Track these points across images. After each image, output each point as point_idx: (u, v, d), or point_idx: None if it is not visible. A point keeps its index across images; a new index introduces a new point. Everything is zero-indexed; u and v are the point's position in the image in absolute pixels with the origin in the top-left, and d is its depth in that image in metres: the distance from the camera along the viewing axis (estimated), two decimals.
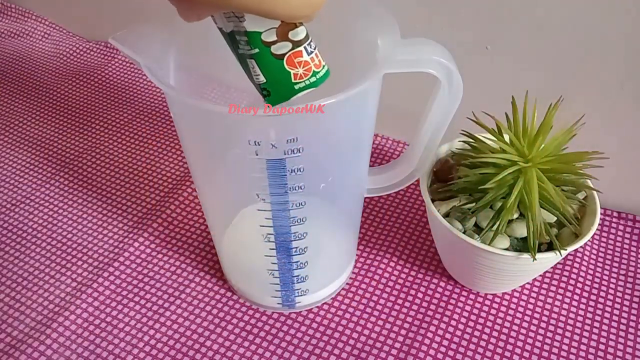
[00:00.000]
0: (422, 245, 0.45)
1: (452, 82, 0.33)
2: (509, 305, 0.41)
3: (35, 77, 0.65)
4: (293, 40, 0.26)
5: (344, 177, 0.37)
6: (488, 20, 0.45)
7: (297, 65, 0.27)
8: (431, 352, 0.38)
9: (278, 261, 0.37)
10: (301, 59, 0.27)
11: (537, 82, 0.43)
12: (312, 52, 0.27)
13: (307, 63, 0.27)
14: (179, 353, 0.39)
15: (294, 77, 0.27)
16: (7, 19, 0.74)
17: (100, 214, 0.48)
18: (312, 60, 0.27)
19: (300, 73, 0.27)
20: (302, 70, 0.27)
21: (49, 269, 0.44)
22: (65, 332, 0.40)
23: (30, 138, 0.57)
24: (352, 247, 0.43)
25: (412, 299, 0.42)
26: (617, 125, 0.45)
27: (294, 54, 0.27)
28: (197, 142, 0.34)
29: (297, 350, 0.39)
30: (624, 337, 0.39)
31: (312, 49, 0.27)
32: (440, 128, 0.36)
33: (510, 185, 0.35)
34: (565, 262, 0.44)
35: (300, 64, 0.27)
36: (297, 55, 0.27)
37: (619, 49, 0.41)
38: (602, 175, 0.37)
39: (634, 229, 0.46)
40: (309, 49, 0.27)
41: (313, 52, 0.27)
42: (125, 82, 0.63)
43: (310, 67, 0.27)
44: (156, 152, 0.54)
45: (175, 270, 0.44)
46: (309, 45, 0.27)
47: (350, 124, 0.34)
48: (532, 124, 0.36)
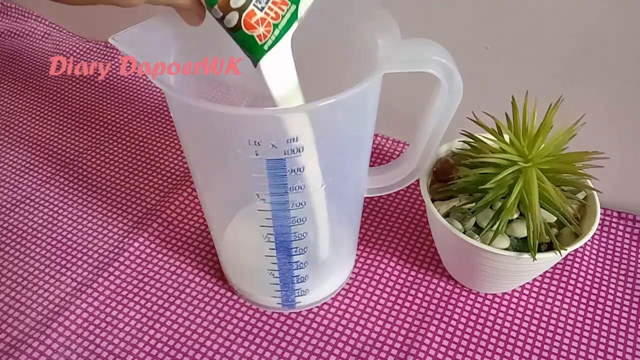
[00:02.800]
0: (422, 245, 0.45)
1: (452, 82, 0.33)
2: (509, 305, 0.41)
3: (35, 77, 0.65)
4: (235, 7, 0.26)
5: (344, 177, 0.37)
6: (488, 20, 0.45)
7: (254, 26, 0.26)
8: (431, 352, 0.38)
9: (278, 261, 0.37)
10: (255, 17, 0.26)
11: (537, 82, 0.43)
12: (265, 7, 0.26)
13: (263, 19, 0.26)
14: (179, 353, 0.39)
15: (258, 39, 0.27)
16: (7, 19, 0.74)
17: (100, 214, 0.48)
18: (268, 15, 0.27)
19: (262, 32, 0.27)
20: (263, 29, 0.27)
21: (49, 269, 0.44)
22: (65, 332, 0.40)
23: (30, 138, 0.57)
24: (352, 247, 0.43)
25: (412, 299, 0.42)
26: (617, 125, 0.45)
27: (247, 17, 0.26)
28: (197, 142, 0.34)
29: (297, 350, 0.39)
30: (624, 337, 0.39)
31: (263, 4, 0.26)
32: (440, 128, 0.36)
33: (510, 185, 0.35)
34: (565, 262, 0.44)
35: (257, 23, 0.26)
36: (249, 16, 0.26)
37: (619, 49, 0.41)
38: (602, 175, 0.37)
39: (634, 229, 0.46)
40: (259, 5, 0.26)
41: (266, 6, 0.26)
42: (125, 82, 0.63)
43: (269, 23, 0.27)
44: (156, 152, 0.54)
45: (175, 270, 0.44)
46: (258, 2, 0.26)
47: (350, 123, 0.34)
48: (532, 124, 0.36)
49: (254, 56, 0.28)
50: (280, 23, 0.27)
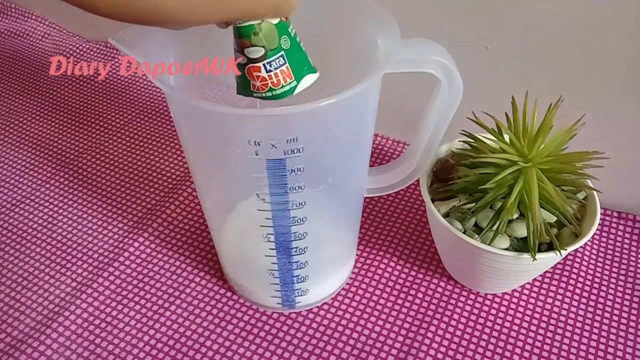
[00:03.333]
0: (422, 245, 0.45)
1: (452, 82, 0.33)
2: (509, 305, 0.41)
3: (35, 77, 0.65)
4: (248, 56, 0.28)
5: (344, 177, 0.37)
6: (488, 20, 0.45)
7: (254, 77, 0.28)
8: (431, 352, 0.38)
9: (278, 261, 0.37)
10: (259, 74, 0.28)
11: (537, 82, 0.43)
12: (272, 71, 0.28)
13: (264, 79, 0.28)
14: (179, 353, 0.39)
15: (252, 86, 0.29)
16: (7, 19, 0.74)
17: (100, 214, 0.48)
18: (270, 78, 0.28)
19: (258, 85, 0.29)
20: (259, 84, 0.28)
21: (49, 269, 0.44)
22: (65, 332, 0.40)
23: (30, 138, 0.57)
24: (352, 247, 0.43)
25: (412, 299, 0.42)
26: (617, 125, 0.45)
27: (252, 68, 0.28)
28: (197, 142, 0.34)
29: (297, 350, 0.39)
30: (624, 337, 0.39)
31: (273, 68, 0.28)
32: (440, 128, 0.36)
33: (510, 185, 0.35)
34: (565, 262, 0.44)
35: (257, 78, 0.28)
36: (255, 69, 0.28)
37: (619, 49, 0.41)
38: (602, 175, 0.37)
39: (634, 229, 0.46)
40: (269, 67, 0.28)
41: (273, 71, 0.28)
42: (125, 82, 0.63)
43: (267, 84, 0.28)
44: (156, 152, 0.54)
45: (175, 270, 0.44)
46: (269, 64, 0.28)
47: (350, 123, 0.34)
48: (532, 124, 0.36)
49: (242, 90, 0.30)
50: (277, 90, 0.29)
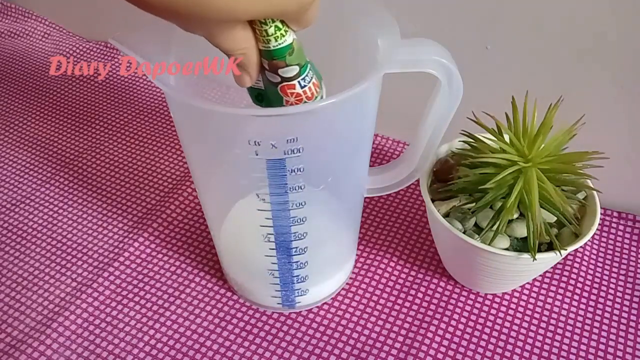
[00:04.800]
0: (422, 245, 0.45)
1: (452, 82, 0.33)
2: (509, 305, 0.41)
3: (35, 77, 0.65)
4: (283, 76, 0.28)
5: (344, 177, 0.37)
6: (488, 20, 0.45)
7: (288, 94, 0.28)
8: (431, 352, 0.38)
9: (278, 261, 0.37)
10: (293, 90, 0.28)
11: (537, 82, 0.43)
12: (306, 86, 0.28)
13: (298, 95, 0.28)
14: (179, 353, 0.39)
15: (285, 102, 0.29)
16: (7, 19, 0.74)
17: (100, 214, 0.48)
18: (305, 93, 0.28)
19: (292, 101, 0.29)
20: (294, 100, 0.28)
21: (49, 269, 0.44)
22: (65, 332, 0.40)
23: (30, 138, 0.57)
24: (352, 247, 0.43)
25: (412, 299, 0.42)
26: (617, 125, 0.45)
27: (287, 86, 0.28)
28: (197, 142, 0.34)
29: (297, 350, 0.39)
30: (624, 337, 0.39)
31: (307, 82, 0.28)
32: (440, 128, 0.36)
33: (510, 185, 0.35)
34: (565, 262, 0.44)
35: (292, 95, 0.28)
36: (289, 87, 0.28)
37: (619, 49, 0.41)
38: (602, 175, 0.37)
39: (634, 229, 0.46)
40: (303, 83, 0.28)
41: (307, 85, 0.28)
42: (125, 82, 0.63)
43: (302, 98, 0.28)
44: (156, 152, 0.54)
45: (175, 270, 0.44)
46: (303, 80, 0.28)
47: (350, 123, 0.34)
48: (532, 124, 0.36)
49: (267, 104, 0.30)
50: (309, 102, 0.29)
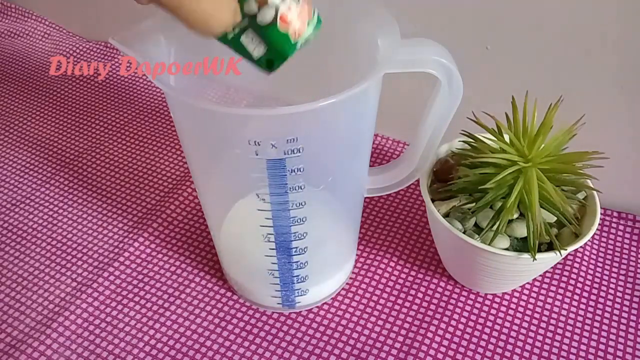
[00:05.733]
0: (422, 245, 0.45)
1: (452, 82, 0.33)
2: (509, 305, 0.41)
3: (35, 77, 0.65)
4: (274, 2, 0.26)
5: (344, 177, 0.37)
6: (488, 20, 0.45)
7: (289, 23, 0.26)
8: (431, 352, 0.38)
9: (278, 261, 0.37)
10: (292, 15, 0.26)
11: (537, 82, 0.43)
12: (299, 3, 0.26)
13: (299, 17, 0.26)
14: (179, 353, 0.39)
15: (292, 36, 0.27)
16: (7, 19, 0.74)
17: (100, 214, 0.48)
18: (302, 12, 0.26)
19: (297, 29, 0.26)
20: (298, 26, 0.26)
21: (49, 269, 0.44)
22: (65, 332, 0.40)
23: (30, 138, 0.57)
24: (352, 247, 0.43)
25: (412, 299, 0.42)
26: (617, 125, 0.45)
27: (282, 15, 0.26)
28: (197, 142, 0.34)
29: (297, 350, 0.39)
30: (624, 337, 0.39)
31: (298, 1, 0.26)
32: (440, 128, 0.36)
33: (510, 185, 0.35)
34: (565, 262, 0.44)
35: (293, 21, 0.26)
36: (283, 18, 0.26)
37: (619, 49, 0.41)
38: (602, 175, 0.37)
39: (634, 229, 0.46)
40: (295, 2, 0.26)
41: (299, 3, 0.26)
42: (125, 82, 0.63)
43: (305, 19, 0.26)
44: (156, 152, 0.54)
45: (175, 270, 0.44)
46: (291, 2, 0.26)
47: (350, 123, 0.34)
48: (532, 124, 0.36)
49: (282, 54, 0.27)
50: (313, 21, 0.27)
